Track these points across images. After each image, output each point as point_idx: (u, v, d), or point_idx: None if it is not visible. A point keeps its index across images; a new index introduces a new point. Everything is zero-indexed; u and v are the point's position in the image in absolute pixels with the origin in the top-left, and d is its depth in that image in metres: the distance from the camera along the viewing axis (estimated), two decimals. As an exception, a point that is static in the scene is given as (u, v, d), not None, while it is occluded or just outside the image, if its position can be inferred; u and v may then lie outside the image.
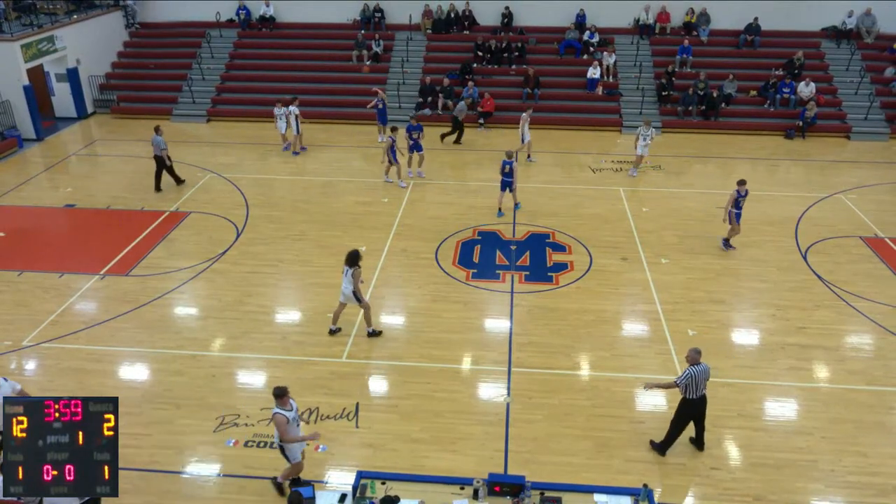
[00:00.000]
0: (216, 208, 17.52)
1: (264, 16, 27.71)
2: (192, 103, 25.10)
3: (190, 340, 12.35)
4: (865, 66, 25.05)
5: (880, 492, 9.14)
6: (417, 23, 27.40)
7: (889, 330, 12.65)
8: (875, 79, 24.74)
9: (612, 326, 12.82)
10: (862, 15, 25.95)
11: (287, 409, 8.51)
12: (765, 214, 17.18)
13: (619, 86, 25.06)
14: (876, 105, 23.69)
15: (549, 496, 7.67)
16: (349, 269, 11.77)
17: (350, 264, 11.78)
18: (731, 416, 10.53)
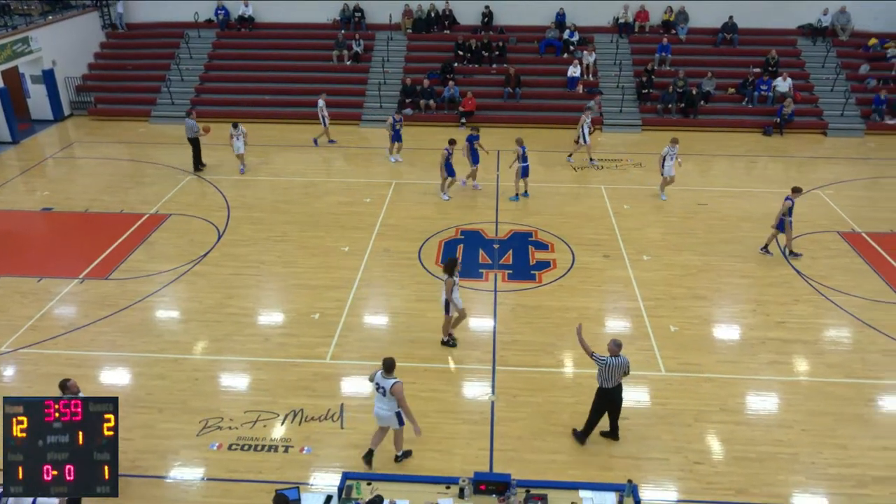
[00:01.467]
0: (197, 210, 17.38)
1: (243, 16, 27.54)
2: (171, 104, 24.88)
3: (171, 344, 12.24)
4: (841, 63, 25.41)
5: (859, 483, 9.28)
6: (398, 22, 27.38)
7: (866, 323, 12.84)
8: (850, 76, 25.11)
9: (595, 324, 12.88)
10: (837, 13, 26.32)
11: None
12: (744, 211, 17.37)
13: (600, 84, 25.19)
14: (851, 102, 24.04)
15: (535, 493, 7.69)
16: (444, 277, 11.54)
17: (446, 272, 11.51)
18: (713, 411, 10.63)
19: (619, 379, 9.48)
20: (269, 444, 9.98)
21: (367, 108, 24.67)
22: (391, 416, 9.20)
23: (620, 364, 9.34)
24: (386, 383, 9.00)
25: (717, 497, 9.12)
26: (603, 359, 9.33)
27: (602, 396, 9.61)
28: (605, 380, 9.43)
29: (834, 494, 9.17)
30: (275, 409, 10.62)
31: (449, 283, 11.41)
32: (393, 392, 8.96)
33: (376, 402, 9.24)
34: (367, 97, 25.07)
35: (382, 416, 9.26)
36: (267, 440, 10.04)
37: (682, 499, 9.12)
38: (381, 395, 9.12)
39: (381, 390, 9.10)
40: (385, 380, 9.03)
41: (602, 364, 9.34)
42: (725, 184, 19.44)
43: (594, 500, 7.68)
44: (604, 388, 9.52)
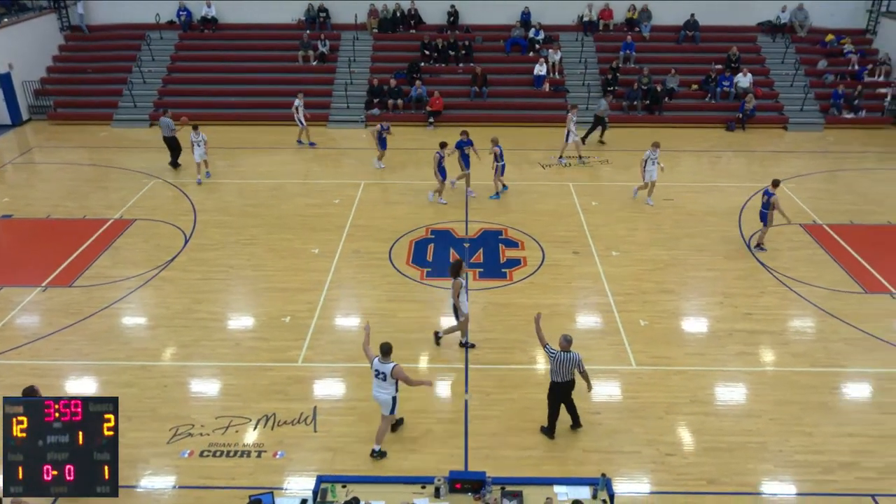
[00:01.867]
0: (163, 215, 17.12)
1: (206, 17, 27.17)
2: (134, 107, 24.46)
3: (139, 351, 12.04)
4: (799, 59, 25.96)
5: (825, 469, 9.49)
6: (363, 22, 27.26)
7: (829, 313, 13.14)
8: (809, 71, 25.68)
9: (567, 320, 12.98)
10: (795, 10, 26.90)
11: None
12: (709, 206, 17.66)
13: (566, 82, 25.38)
14: (811, 97, 24.59)
15: (510, 490, 7.72)
16: (453, 279, 11.46)
17: (452, 274, 11.49)
18: (683, 403, 10.78)
19: (571, 375, 9.58)
20: (242, 449, 9.87)
21: (334, 109, 24.53)
22: (388, 399, 9.42)
23: (570, 359, 9.44)
24: (385, 368, 9.22)
25: (688, 488, 9.26)
26: (553, 352, 9.49)
27: (553, 390, 9.77)
28: (556, 373, 9.57)
29: (801, 481, 9.37)
30: (247, 414, 10.50)
31: (456, 285, 11.36)
32: (394, 374, 9.20)
33: (375, 387, 9.43)
34: (333, 98, 24.93)
35: (381, 400, 9.50)
36: (239, 446, 9.92)
37: (654, 491, 9.23)
38: (381, 381, 9.32)
39: (380, 375, 9.29)
40: (383, 364, 9.23)
41: (552, 357, 9.49)
42: (691, 179, 19.73)
43: (569, 494, 7.73)
44: (554, 382, 9.67)
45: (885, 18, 26.43)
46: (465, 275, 11.68)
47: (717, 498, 9.10)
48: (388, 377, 9.24)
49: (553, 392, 9.78)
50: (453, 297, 11.52)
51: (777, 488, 9.29)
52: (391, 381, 9.28)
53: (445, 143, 17.55)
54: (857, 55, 25.86)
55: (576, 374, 9.63)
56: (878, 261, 14.89)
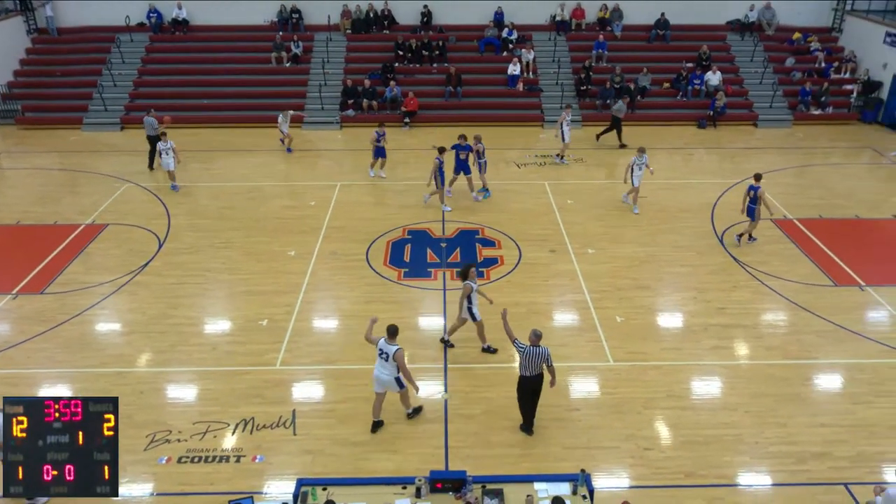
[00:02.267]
0: (136, 219, 16.91)
1: (177, 19, 26.86)
2: (105, 111, 24.12)
3: (114, 357, 11.88)
4: (768, 56, 26.38)
5: (799, 460, 9.67)
6: (336, 23, 27.17)
7: (801, 306, 13.38)
8: (777, 69, 26.12)
9: (544, 317, 13.07)
10: (762, 9, 27.35)
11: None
12: (682, 202, 17.88)
13: (539, 82, 25.53)
14: (779, 94, 24.99)
15: (491, 489, 7.77)
16: (464, 282, 11.41)
17: (462, 278, 11.49)
18: (660, 398, 10.91)
19: (539, 369, 9.68)
20: (220, 454, 9.79)
21: (308, 110, 24.42)
22: (391, 380, 9.80)
23: (539, 354, 9.53)
24: (389, 349, 9.51)
25: (667, 481, 9.37)
26: (522, 347, 9.58)
27: (521, 384, 9.88)
28: (524, 368, 9.67)
29: (776, 472, 9.53)
30: (225, 419, 10.43)
31: (466, 288, 11.32)
32: (395, 358, 9.55)
33: (377, 366, 9.82)
34: (307, 99, 24.81)
35: (382, 381, 9.85)
36: (218, 451, 9.85)
37: (633, 485, 9.34)
38: (384, 361, 9.61)
39: (383, 356, 9.60)
40: (388, 346, 9.54)
41: (521, 352, 9.59)
42: (664, 176, 19.93)
43: (549, 491, 7.79)
44: (522, 376, 9.78)
45: (850, 17, 26.97)
46: (475, 278, 11.49)
47: (694, 490, 9.23)
48: (389, 358, 9.58)
49: (521, 386, 9.89)
50: (460, 298, 11.47)
51: (753, 479, 9.45)
52: (392, 363, 9.56)
53: (444, 149, 16.99)
54: (823, 53, 26.36)
55: (543, 369, 9.73)
56: (847, 254, 15.19)
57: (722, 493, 9.21)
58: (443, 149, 16.96)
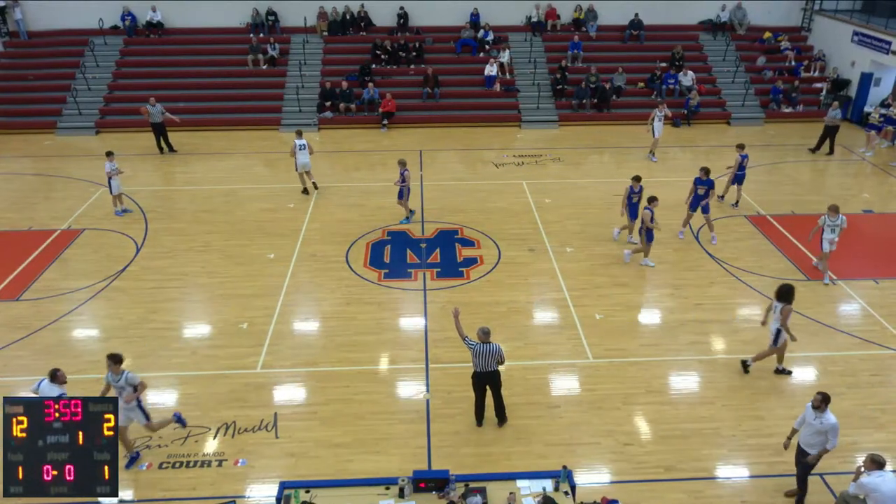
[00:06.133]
0: (112, 224, 16.75)
1: (151, 21, 26.62)
2: (79, 115, 23.85)
3: (92, 364, 11.76)
4: (740, 56, 26.79)
5: (776, 451, 9.84)
6: (313, 25, 27.10)
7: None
8: (749, 68, 26.53)
9: (524, 316, 13.18)
10: (734, 9, 27.78)
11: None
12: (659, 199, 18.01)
13: (516, 82, 25.67)
14: (751, 92, 25.39)
15: (474, 487, 7.82)
16: (779, 304, 10.95)
17: (781, 299, 10.93)
18: (640, 393, 11.06)
19: (493, 366, 9.80)
20: (202, 459, 9.76)
21: (285, 113, 24.33)
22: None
23: (490, 351, 9.65)
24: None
25: (647, 476, 9.51)
26: (472, 344, 9.70)
27: (473, 378, 10.01)
28: (476, 364, 9.80)
29: (754, 464, 9.71)
30: (206, 423, 10.39)
31: (786, 310, 10.88)
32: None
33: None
34: (285, 101, 24.73)
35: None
36: (199, 456, 9.81)
37: (614, 480, 9.45)
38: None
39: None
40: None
41: (471, 349, 9.71)
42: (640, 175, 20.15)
43: (531, 488, 7.87)
44: (475, 372, 9.91)
45: (819, 16, 27.47)
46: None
47: (674, 484, 9.37)
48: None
49: (473, 380, 10.02)
50: (780, 322, 10.93)
51: (731, 472, 9.61)
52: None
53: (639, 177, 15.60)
54: (793, 52, 26.82)
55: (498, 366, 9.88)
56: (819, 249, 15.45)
57: (701, 486, 9.36)
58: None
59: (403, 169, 16.21)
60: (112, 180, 16.91)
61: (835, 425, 8.49)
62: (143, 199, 18.09)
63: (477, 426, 10.27)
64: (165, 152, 21.61)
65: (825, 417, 8.51)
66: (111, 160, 16.84)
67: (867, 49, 24.38)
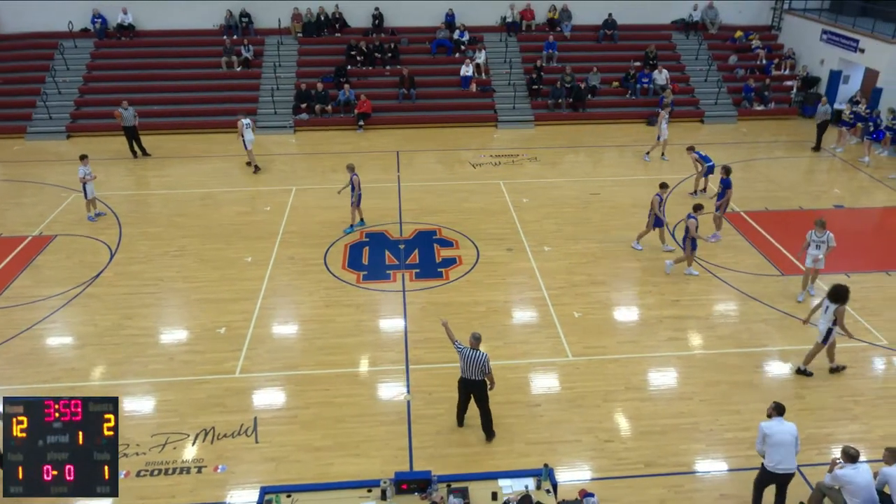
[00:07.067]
0: (85, 229, 16.50)
1: (122, 24, 26.26)
2: (49, 119, 23.46)
3: (67, 372, 11.59)
4: (712, 55, 27.12)
5: (753, 445, 9.93)
6: (287, 26, 26.93)
7: (750, 296, 13.80)
8: (721, 66, 26.85)
9: (503, 315, 13.21)
10: (705, 8, 28.11)
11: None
12: (634, 197, 18.22)
13: (492, 82, 25.74)
14: (724, 91, 25.70)
15: (456, 487, 7.82)
16: (832, 304, 10.92)
17: (835, 300, 10.88)
18: (619, 390, 11.14)
19: (479, 374, 9.59)
20: (181, 466, 9.65)
21: (261, 115, 24.14)
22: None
23: (477, 358, 9.46)
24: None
25: (627, 472, 9.58)
26: (461, 347, 9.60)
27: (459, 383, 9.89)
28: (462, 369, 9.67)
29: (732, 457, 9.83)
30: (184, 430, 10.27)
31: (840, 311, 10.88)
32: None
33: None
34: (260, 103, 24.55)
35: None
36: (178, 462, 9.70)
37: (595, 477, 9.51)
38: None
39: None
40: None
41: (459, 352, 9.60)
42: (615, 173, 20.36)
43: (513, 486, 7.89)
44: (462, 378, 9.78)
45: (788, 15, 27.91)
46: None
47: (654, 479, 9.45)
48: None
49: (459, 384, 9.91)
50: (839, 323, 10.97)
51: (710, 466, 9.72)
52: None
53: (666, 184, 15.33)
54: (764, 50, 27.20)
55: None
56: (792, 244, 15.70)
57: (681, 480, 9.45)
58: (664, 184, 15.37)
59: (353, 174, 15.90)
60: (87, 185, 16.65)
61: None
62: (117, 203, 17.85)
63: (458, 426, 10.24)
64: (139, 156, 21.32)
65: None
66: (85, 164, 16.62)
67: (836, 47, 24.83)
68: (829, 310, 11.02)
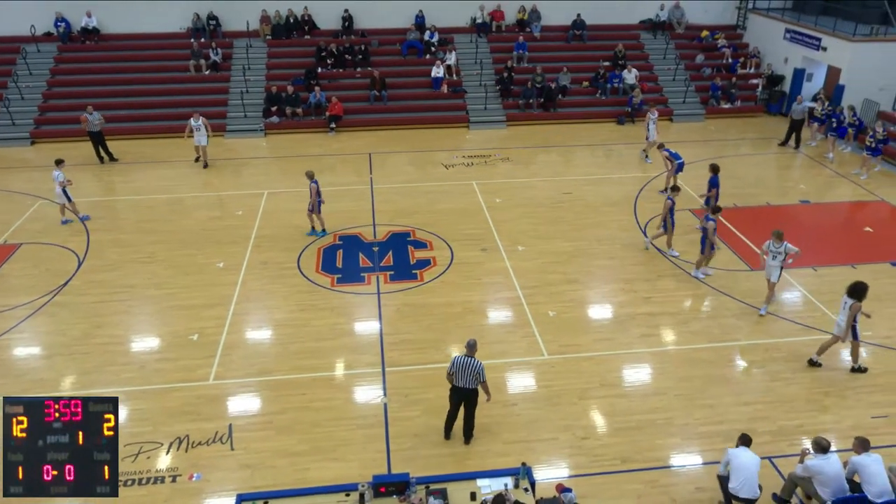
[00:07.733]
0: (51, 237, 16.18)
1: (87, 27, 25.80)
2: (12, 125, 22.96)
3: (35, 382, 11.35)
4: (679, 54, 27.49)
5: (727, 438, 10.11)
6: (256, 29, 26.69)
7: (720, 291, 14.01)
8: (688, 66, 27.23)
9: (479, 316, 13.24)
10: (672, 8, 28.47)
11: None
12: (606, 196, 18.41)
13: (463, 83, 25.78)
14: (691, 89, 26.06)
15: (435, 488, 7.82)
16: (849, 300, 11.00)
17: (853, 296, 10.97)
18: (594, 388, 11.22)
19: (471, 383, 9.52)
20: (155, 475, 9.50)
21: (230, 118, 23.92)
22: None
23: (471, 366, 9.40)
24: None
25: (604, 468, 9.66)
26: (455, 358, 9.52)
27: (451, 393, 9.76)
28: (454, 376, 9.55)
29: (706, 451, 9.96)
30: (157, 439, 10.12)
31: (855, 307, 10.98)
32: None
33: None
34: (229, 107, 24.31)
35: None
36: (152, 472, 9.56)
37: (573, 474, 9.57)
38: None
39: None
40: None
41: (452, 362, 9.51)
42: (587, 172, 20.52)
43: (492, 486, 7.92)
44: (454, 387, 9.66)
45: (753, 14, 28.40)
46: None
47: (631, 475, 9.54)
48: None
49: (451, 394, 9.77)
50: (848, 319, 11.11)
51: (685, 460, 9.84)
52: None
53: (678, 188, 15.41)
54: (730, 49, 27.64)
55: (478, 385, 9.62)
56: (761, 240, 15.89)
57: (657, 475, 9.55)
58: (677, 188, 15.47)
59: (312, 181, 15.73)
60: (65, 189, 16.43)
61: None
62: (85, 210, 17.50)
63: (445, 439, 10.07)
64: (106, 161, 20.97)
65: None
66: (60, 168, 16.41)
67: (799, 46, 25.31)
68: (846, 305, 11.17)
